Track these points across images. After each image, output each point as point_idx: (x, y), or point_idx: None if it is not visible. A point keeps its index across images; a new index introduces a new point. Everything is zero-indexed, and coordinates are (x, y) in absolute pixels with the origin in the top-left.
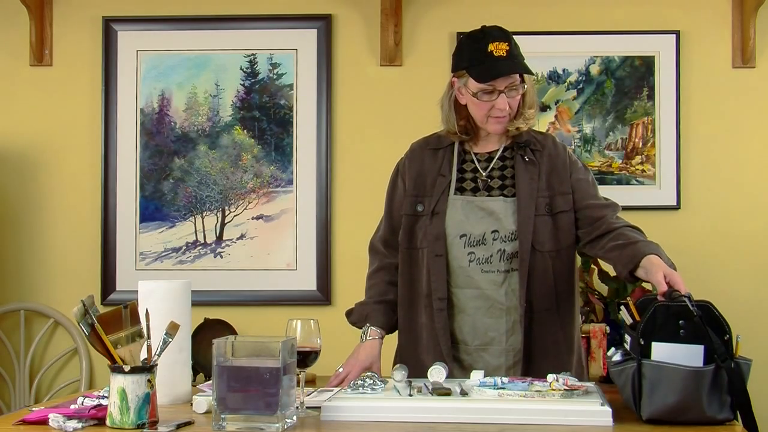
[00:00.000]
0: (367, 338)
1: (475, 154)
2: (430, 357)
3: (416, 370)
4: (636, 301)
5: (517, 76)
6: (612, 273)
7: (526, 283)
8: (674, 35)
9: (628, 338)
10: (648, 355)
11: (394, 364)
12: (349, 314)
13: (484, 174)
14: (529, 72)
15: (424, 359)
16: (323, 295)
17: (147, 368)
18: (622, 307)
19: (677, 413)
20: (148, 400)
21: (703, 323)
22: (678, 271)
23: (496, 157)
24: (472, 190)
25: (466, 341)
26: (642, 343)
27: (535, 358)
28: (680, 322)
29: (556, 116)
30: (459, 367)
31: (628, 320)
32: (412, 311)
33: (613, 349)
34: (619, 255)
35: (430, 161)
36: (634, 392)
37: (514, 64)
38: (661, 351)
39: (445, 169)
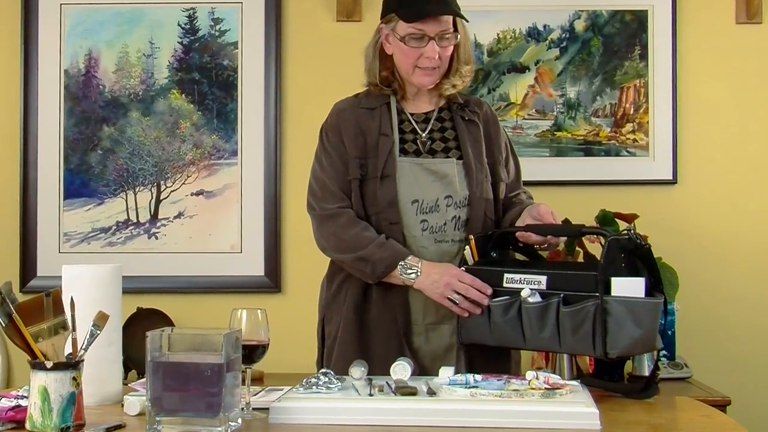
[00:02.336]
0: (418, 262)
1: (411, 114)
2: (380, 339)
3: (364, 357)
4: (475, 238)
5: (450, 25)
6: (598, 256)
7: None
8: None
9: (543, 278)
10: (609, 291)
11: (329, 351)
12: (374, 268)
13: (423, 135)
14: (462, 17)
15: (374, 343)
16: (272, 281)
17: (72, 364)
18: (467, 247)
19: (639, 346)
20: (74, 400)
21: (651, 256)
22: (674, 258)
23: (433, 117)
24: (414, 153)
25: (416, 320)
26: (602, 279)
27: None
28: (622, 256)
29: (536, 78)
30: (407, 350)
31: (470, 260)
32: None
33: (527, 289)
34: (512, 216)
35: (367, 120)
36: (594, 330)
37: (447, 7)
38: (620, 286)
39: (386, 129)
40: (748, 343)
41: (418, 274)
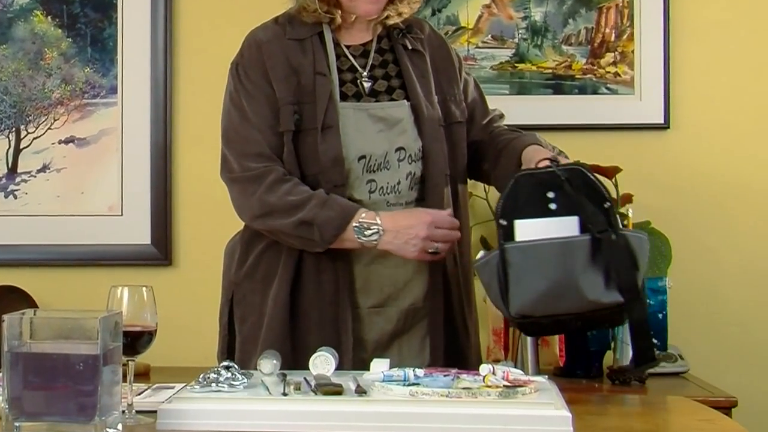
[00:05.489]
0: (375, 217)
1: (347, 46)
2: (314, 326)
3: (296, 351)
4: None
5: None
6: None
7: None
8: None
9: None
10: (512, 237)
11: (245, 339)
12: (322, 232)
13: (364, 73)
14: None
15: (306, 331)
16: (160, 251)
17: None
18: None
19: (551, 302)
20: None
21: (574, 188)
22: (666, 221)
23: (373, 50)
24: (354, 96)
25: (358, 302)
26: (504, 224)
27: (436, 316)
28: (549, 194)
29: None
30: (350, 339)
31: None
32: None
33: (482, 252)
34: (503, 161)
35: (297, 55)
36: (501, 288)
37: None
38: (527, 229)
39: (321, 66)
40: (757, 329)
41: (381, 233)
